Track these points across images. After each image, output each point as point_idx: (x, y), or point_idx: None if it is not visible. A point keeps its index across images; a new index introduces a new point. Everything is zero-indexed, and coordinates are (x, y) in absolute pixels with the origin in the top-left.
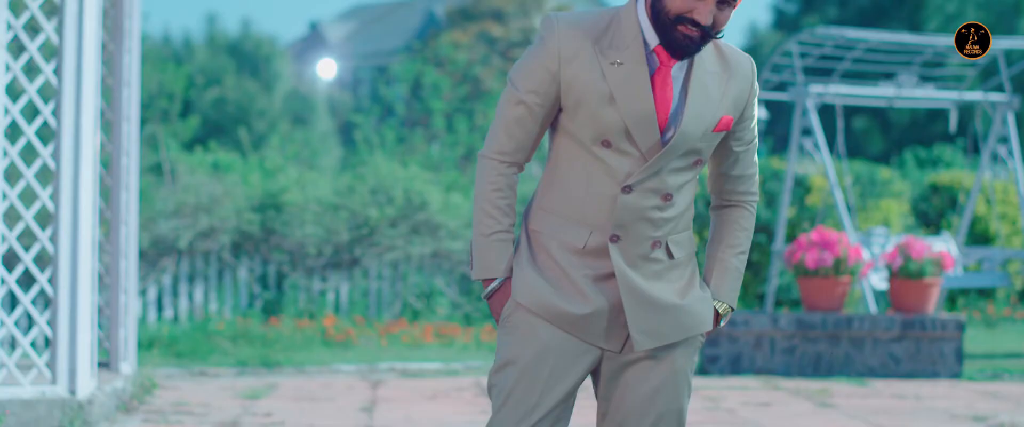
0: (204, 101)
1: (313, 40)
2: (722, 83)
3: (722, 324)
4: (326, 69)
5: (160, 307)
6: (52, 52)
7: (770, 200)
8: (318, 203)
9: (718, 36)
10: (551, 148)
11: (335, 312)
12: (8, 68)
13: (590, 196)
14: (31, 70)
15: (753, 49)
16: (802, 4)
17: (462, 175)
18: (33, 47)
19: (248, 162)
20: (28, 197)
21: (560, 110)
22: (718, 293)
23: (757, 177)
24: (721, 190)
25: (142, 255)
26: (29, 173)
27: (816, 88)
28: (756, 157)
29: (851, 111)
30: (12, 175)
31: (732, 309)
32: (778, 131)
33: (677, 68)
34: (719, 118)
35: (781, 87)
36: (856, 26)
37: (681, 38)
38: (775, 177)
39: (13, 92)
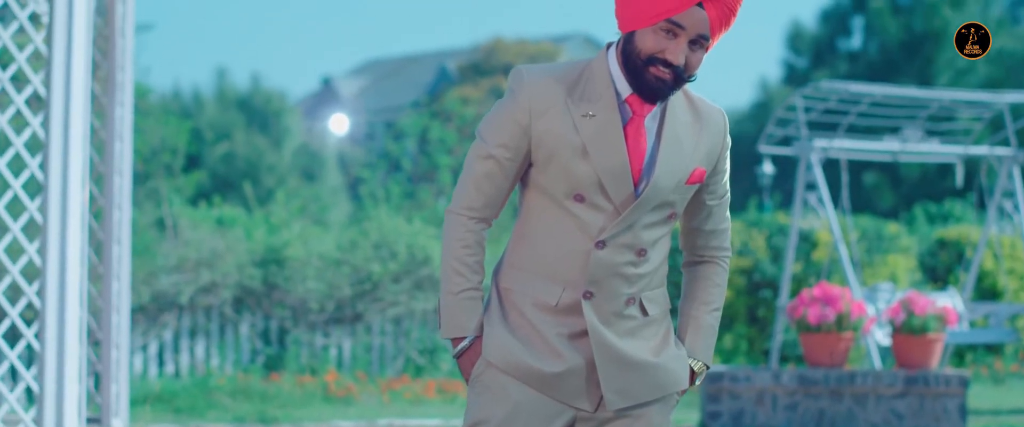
0: (213, 156)
1: (325, 95)
2: (695, 134)
3: (698, 383)
4: (338, 124)
5: (161, 362)
6: (40, 104)
7: (776, 255)
8: (320, 258)
9: (691, 79)
10: (521, 204)
11: (337, 368)
12: None
13: (562, 252)
14: (18, 122)
15: (763, 104)
16: (813, 59)
17: None
18: (20, 100)
19: (253, 217)
20: (15, 251)
21: (530, 165)
22: (693, 351)
23: (730, 232)
24: (694, 246)
25: (143, 310)
26: (16, 227)
27: (820, 142)
28: (728, 212)
29: (861, 166)
30: None
31: (707, 367)
32: (785, 186)
33: (650, 118)
34: (692, 170)
35: (786, 142)
36: (867, 81)
37: (653, 80)
38: (781, 232)
39: None
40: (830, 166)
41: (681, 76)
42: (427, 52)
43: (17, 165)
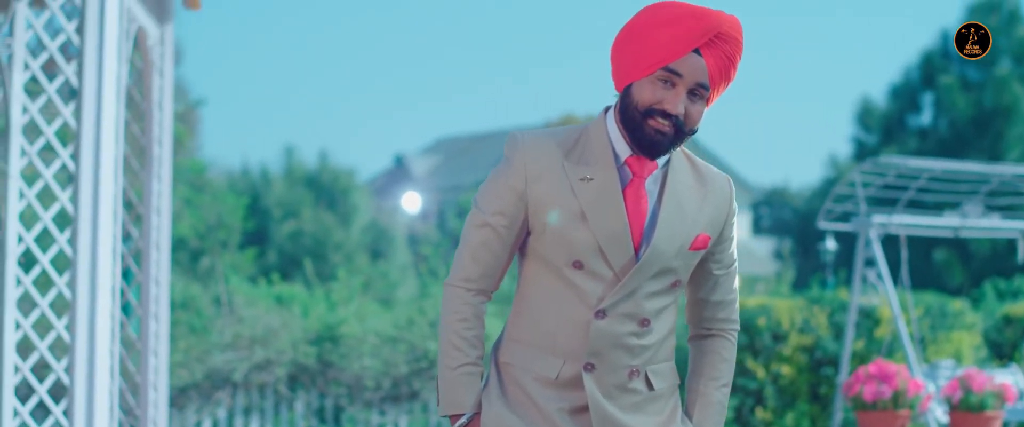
0: (281, 233)
1: (398, 173)
2: (698, 198)
3: None
4: (411, 202)
5: None
6: (68, 178)
7: (837, 333)
8: (377, 335)
9: (691, 132)
10: (520, 275)
11: None
12: (22, 195)
13: (562, 323)
14: (45, 196)
15: (833, 181)
16: (882, 135)
17: None
18: (49, 174)
19: (314, 294)
20: (43, 327)
21: (528, 233)
22: None
23: (737, 304)
24: (700, 318)
25: (197, 387)
26: (44, 303)
27: (879, 218)
28: (736, 283)
29: (930, 243)
30: (26, 304)
31: None
32: (848, 263)
33: (651, 181)
34: (695, 235)
35: (846, 218)
36: (937, 157)
37: (652, 133)
38: (842, 309)
39: (27, 219)
40: (893, 242)
41: (681, 128)
42: (499, 129)
43: (46, 241)
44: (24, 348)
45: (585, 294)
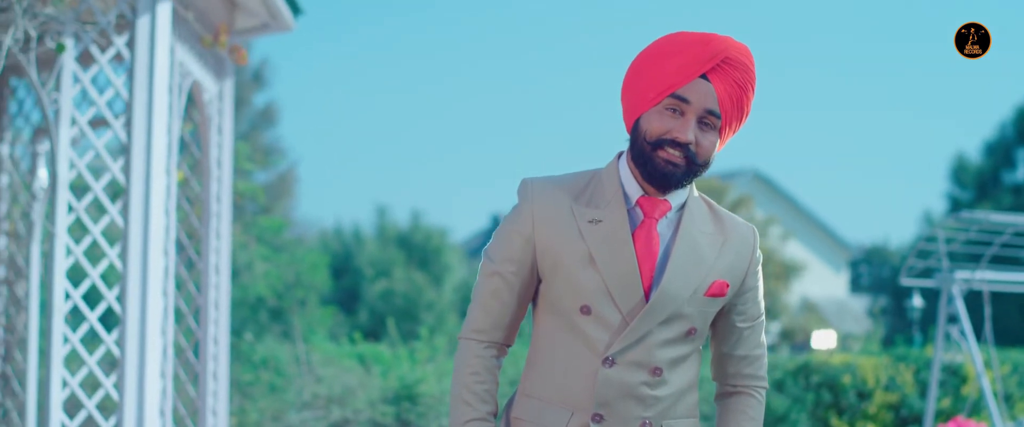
0: (372, 293)
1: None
2: (716, 245)
3: None
4: None
5: None
6: (117, 235)
7: (923, 390)
8: None
9: (705, 165)
10: (533, 327)
11: None
12: (69, 251)
13: (570, 374)
14: (93, 252)
15: (927, 239)
16: (977, 192)
17: None
18: (97, 230)
19: (397, 353)
20: (91, 385)
21: (540, 281)
22: None
23: (765, 360)
24: (725, 374)
25: None
26: (91, 360)
27: (962, 274)
28: (764, 337)
29: (1021, 299)
30: (74, 362)
31: None
32: (934, 319)
33: (665, 225)
34: (711, 281)
35: (928, 274)
36: None
37: (663, 164)
38: (928, 366)
39: (74, 276)
40: (978, 298)
41: (693, 159)
42: None
43: (94, 297)
44: (71, 406)
45: (593, 341)
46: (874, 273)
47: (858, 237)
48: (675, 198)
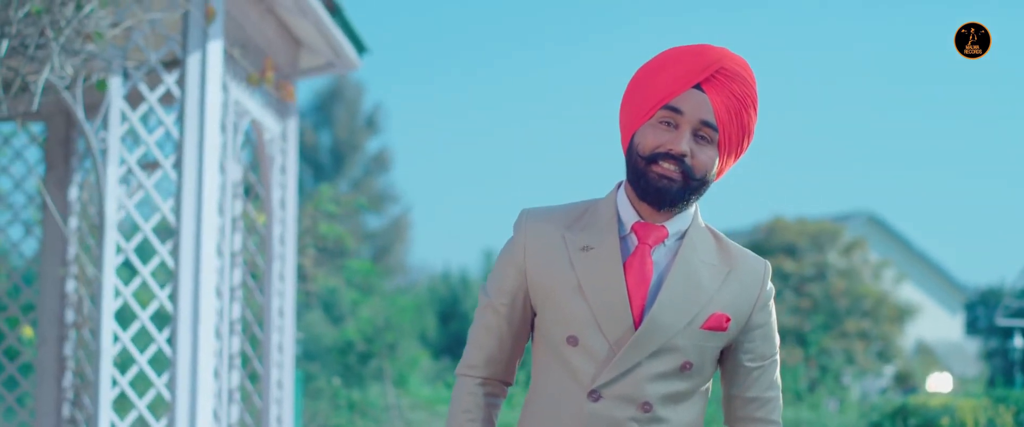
0: None
1: None
2: (718, 276)
3: None
4: None
5: None
6: (168, 275)
7: None
8: None
9: (702, 182)
10: (531, 365)
11: None
12: (118, 293)
13: (559, 410)
14: (144, 293)
15: None
16: None
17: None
18: (146, 271)
19: None
20: None
21: (535, 314)
22: None
23: (779, 403)
24: (734, 418)
25: None
26: (141, 404)
27: None
28: (777, 377)
29: None
30: (123, 405)
31: None
32: None
33: (663, 253)
34: (709, 313)
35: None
36: None
37: (657, 179)
38: None
39: (123, 318)
40: None
41: (690, 174)
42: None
43: (143, 339)
44: None
45: (579, 374)
46: (991, 316)
47: (974, 279)
48: (674, 225)
